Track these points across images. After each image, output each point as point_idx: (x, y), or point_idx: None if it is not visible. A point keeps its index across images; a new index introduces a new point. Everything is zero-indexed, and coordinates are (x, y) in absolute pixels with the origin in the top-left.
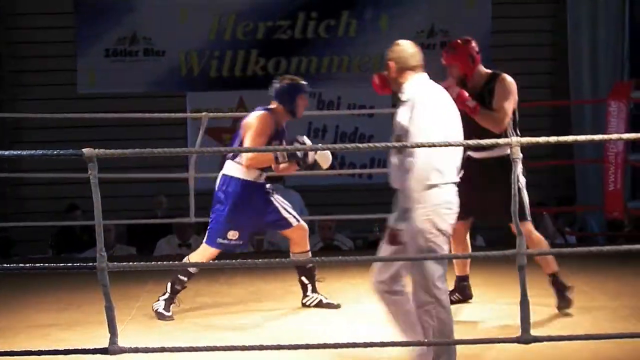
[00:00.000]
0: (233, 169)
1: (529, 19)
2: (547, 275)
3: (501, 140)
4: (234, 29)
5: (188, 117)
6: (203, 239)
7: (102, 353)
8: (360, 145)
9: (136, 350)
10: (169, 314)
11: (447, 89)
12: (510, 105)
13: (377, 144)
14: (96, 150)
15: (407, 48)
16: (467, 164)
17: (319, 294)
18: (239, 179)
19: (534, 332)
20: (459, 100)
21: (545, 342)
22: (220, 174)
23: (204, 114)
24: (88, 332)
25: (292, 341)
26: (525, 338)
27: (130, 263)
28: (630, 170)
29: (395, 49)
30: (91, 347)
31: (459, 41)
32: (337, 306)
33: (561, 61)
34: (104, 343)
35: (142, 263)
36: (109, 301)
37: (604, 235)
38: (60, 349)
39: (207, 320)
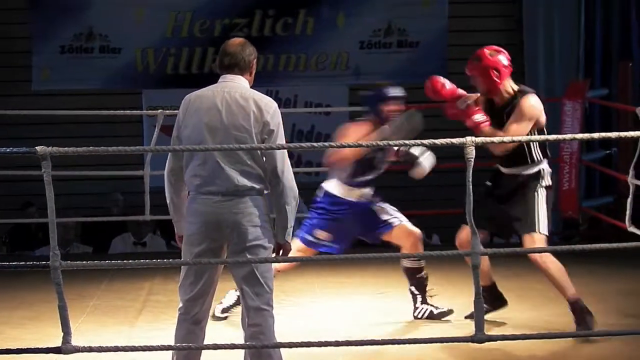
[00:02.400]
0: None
1: (485, 18)
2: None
3: (456, 140)
4: (190, 26)
5: (144, 115)
6: (158, 237)
7: (55, 352)
8: (315, 144)
9: (90, 349)
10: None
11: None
12: (522, 128)
13: (332, 143)
14: (50, 147)
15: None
16: (497, 177)
17: (429, 304)
18: (329, 194)
19: (488, 331)
20: (467, 114)
21: (499, 342)
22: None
23: (159, 111)
24: (41, 331)
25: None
26: (478, 337)
27: (84, 262)
28: (584, 170)
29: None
30: (44, 347)
31: (485, 51)
32: (450, 312)
33: (516, 61)
34: (58, 342)
35: (95, 262)
36: (62, 300)
37: (559, 234)
38: (12, 348)
39: (161, 319)
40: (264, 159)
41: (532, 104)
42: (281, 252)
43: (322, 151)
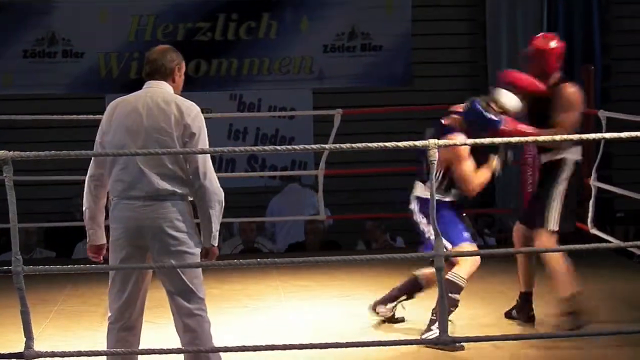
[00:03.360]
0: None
1: (448, 22)
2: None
3: (419, 143)
4: (153, 31)
5: None
6: None
7: (17, 358)
8: (279, 147)
9: (53, 354)
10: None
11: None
12: (571, 117)
13: (296, 146)
14: (11, 152)
15: None
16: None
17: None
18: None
19: (452, 333)
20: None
21: (462, 343)
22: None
23: None
24: (3, 336)
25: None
26: (443, 339)
27: (47, 267)
28: None
29: None
30: (6, 352)
31: (537, 45)
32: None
33: (479, 64)
34: (20, 348)
35: (58, 266)
36: (25, 305)
37: None
38: None
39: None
40: (187, 163)
41: (573, 90)
42: (209, 256)
43: (286, 155)
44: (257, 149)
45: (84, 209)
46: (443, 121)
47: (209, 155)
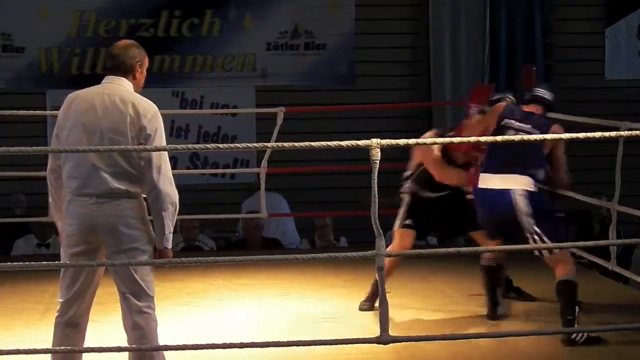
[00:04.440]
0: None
1: (391, 21)
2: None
3: (361, 142)
4: (95, 26)
5: (48, 115)
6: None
7: None
8: (221, 145)
9: None
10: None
11: None
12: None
13: (238, 144)
14: None
15: None
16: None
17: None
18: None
19: (395, 332)
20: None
21: (404, 343)
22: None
23: None
24: None
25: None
26: (384, 339)
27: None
28: None
29: None
30: None
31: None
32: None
33: (422, 64)
34: None
35: None
36: None
37: (465, 236)
38: None
39: None
40: (141, 164)
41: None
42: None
43: (228, 153)
44: (200, 146)
45: (49, 201)
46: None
47: (165, 156)
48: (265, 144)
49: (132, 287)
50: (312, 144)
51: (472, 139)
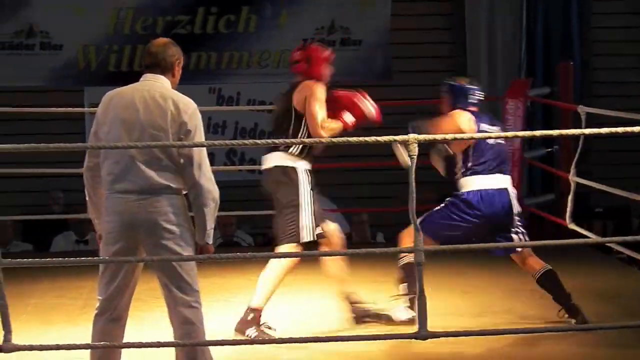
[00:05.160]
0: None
1: (427, 16)
2: None
3: (399, 137)
4: (132, 24)
5: (86, 113)
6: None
7: None
8: (259, 141)
9: (31, 347)
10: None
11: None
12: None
13: (275, 140)
14: None
15: None
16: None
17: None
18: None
19: (432, 327)
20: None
21: (442, 338)
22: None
23: None
24: None
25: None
26: (422, 334)
27: (25, 259)
28: (526, 168)
29: None
30: None
31: None
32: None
33: (459, 59)
34: None
35: (36, 259)
36: (3, 298)
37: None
38: None
39: None
40: (181, 160)
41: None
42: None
43: (265, 148)
44: (237, 142)
45: (87, 196)
46: None
47: (205, 152)
48: (303, 139)
49: (178, 282)
50: (350, 139)
51: (510, 134)
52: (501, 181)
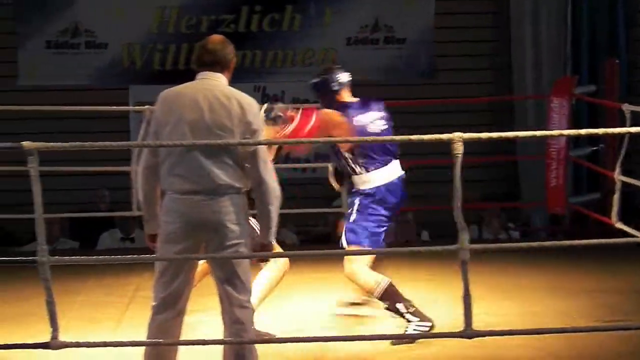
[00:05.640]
0: None
1: (472, 15)
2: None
3: (444, 136)
4: (177, 22)
5: (131, 111)
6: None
7: (43, 348)
8: (303, 139)
9: (78, 344)
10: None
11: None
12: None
13: (319, 139)
14: (36, 143)
15: None
16: None
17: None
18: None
19: (477, 326)
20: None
21: (487, 337)
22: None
23: (146, 107)
24: (29, 326)
25: None
26: (468, 333)
27: (72, 257)
28: (572, 166)
29: None
30: (32, 342)
31: None
32: None
33: (503, 57)
34: (46, 338)
35: (83, 257)
36: (50, 295)
37: (546, 230)
38: (0, 344)
39: (149, 315)
40: (246, 159)
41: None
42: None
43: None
44: (282, 141)
45: (141, 199)
46: None
47: (267, 150)
48: (347, 137)
49: (234, 281)
50: (394, 137)
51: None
52: (397, 168)
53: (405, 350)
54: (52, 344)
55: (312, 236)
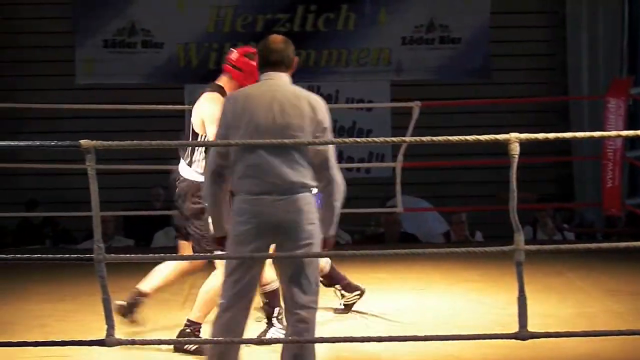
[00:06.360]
0: None
1: (527, 14)
2: None
3: (500, 137)
4: (232, 22)
5: (186, 110)
6: None
7: (99, 345)
8: (359, 139)
9: (133, 342)
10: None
11: None
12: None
13: (376, 138)
14: (94, 141)
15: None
16: None
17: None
18: None
19: (531, 328)
20: None
21: (542, 339)
22: None
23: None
24: (85, 323)
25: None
26: (522, 334)
27: (128, 255)
28: (628, 168)
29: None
30: (88, 339)
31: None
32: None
33: (559, 57)
34: (101, 335)
35: (139, 255)
36: (106, 293)
37: (601, 231)
38: (57, 340)
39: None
40: (316, 158)
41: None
42: (326, 246)
43: (363, 147)
44: (339, 141)
45: (207, 201)
46: None
47: (334, 147)
48: (404, 137)
49: (302, 281)
50: (450, 138)
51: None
52: None
53: (457, 351)
54: (108, 341)
55: (366, 236)
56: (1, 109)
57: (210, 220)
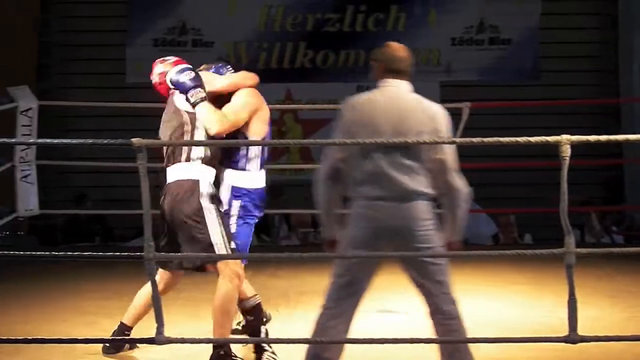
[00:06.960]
0: None
1: (578, 15)
2: None
3: (551, 138)
4: (282, 21)
5: None
6: None
7: (149, 343)
8: (409, 140)
9: (183, 340)
10: None
11: None
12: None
13: (426, 139)
14: (145, 139)
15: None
16: None
17: None
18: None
19: (579, 331)
20: None
21: (592, 342)
22: None
23: None
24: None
25: None
26: (572, 338)
27: (177, 254)
28: None
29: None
30: (137, 337)
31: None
32: None
33: (608, 59)
34: (151, 333)
35: (189, 254)
36: (156, 291)
37: None
38: (106, 338)
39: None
40: (434, 164)
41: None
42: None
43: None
44: (390, 142)
45: (321, 205)
46: None
47: (454, 153)
48: (454, 138)
49: (437, 279)
50: (501, 139)
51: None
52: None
53: (504, 353)
54: (157, 339)
55: None
56: (52, 107)
57: (322, 224)
